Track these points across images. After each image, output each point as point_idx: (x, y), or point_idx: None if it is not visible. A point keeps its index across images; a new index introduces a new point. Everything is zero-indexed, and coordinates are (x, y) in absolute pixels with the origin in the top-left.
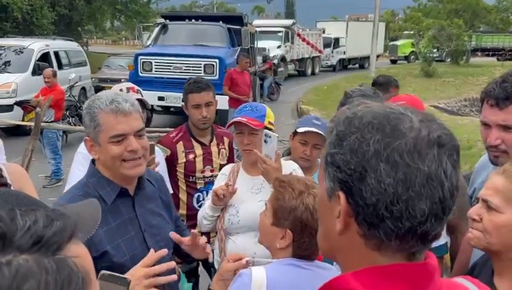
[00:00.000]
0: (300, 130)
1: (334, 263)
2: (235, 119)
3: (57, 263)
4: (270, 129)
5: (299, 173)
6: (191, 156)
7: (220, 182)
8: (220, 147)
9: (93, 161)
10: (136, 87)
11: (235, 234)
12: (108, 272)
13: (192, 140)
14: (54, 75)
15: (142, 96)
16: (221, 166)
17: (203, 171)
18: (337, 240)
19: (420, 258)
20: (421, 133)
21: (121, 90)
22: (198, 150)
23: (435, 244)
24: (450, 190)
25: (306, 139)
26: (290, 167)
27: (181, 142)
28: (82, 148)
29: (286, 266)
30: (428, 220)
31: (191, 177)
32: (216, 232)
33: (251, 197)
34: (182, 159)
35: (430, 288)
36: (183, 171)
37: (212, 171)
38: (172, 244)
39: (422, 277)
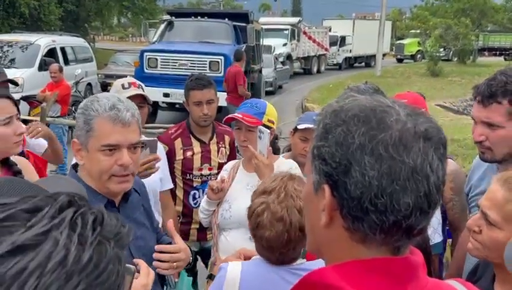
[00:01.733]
0: (300, 126)
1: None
2: (231, 115)
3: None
4: (269, 127)
5: (297, 171)
6: (188, 153)
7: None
8: (220, 145)
9: (74, 167)
10: (138, 82)
11: (227, 230)
12: None
13: (192, 137)
14: (61, 70)
15: (143, 91)
16: (220, 165)
17: (200, 169)
18: (322, 233)
19: (405, 252)
20: (406, 125)
21: (122, 84)
22: (197, 147)
23: (431, 242)
24: (435, 184)
25: (306, 135)
26: (287, 165)
27: (180, 138)
28: None
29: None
30: (413, 214)
31: (188, 175)
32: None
33: (245, 194)
34: (179, 156)
35: (412, 283)
36: (180, 168)
37: (210, 169)
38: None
39: (405, 271)
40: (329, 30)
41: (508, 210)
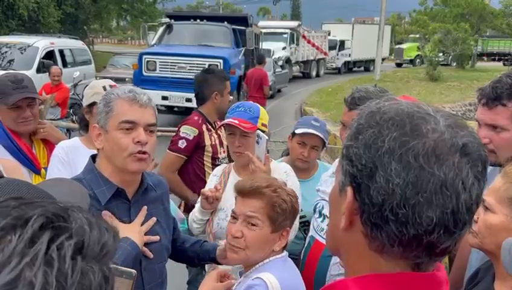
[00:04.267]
0: (298, 131)
1: None
2: (226, 121)
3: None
4: (263, 131)
5: (291, 175)
6: (213, 138)
7: (211, 184)
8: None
9: (93, 158)
10: (118, 85)
11: (224, 239)
12: (113, 266)
13: (208, 124)
14: (61, 73)
15: None
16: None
17: (221, 153)
18: (342, 236)
19: (427, 270)
20: (443, 136)
21: (103, 87)
22: (214, 132)
23: None
24: (466, 203)
25: (304, 140)
26: (282, 170)
27: (204, 125)
28: (58, 151)
29: (286, 263)
30: (435, 231)
31: (216, 160)
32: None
33: None
34: (207, 141)
35: None
36: (210, 154)
37: (224, 152)
38: (167, 253)
39: (428, 289)
40: (329, 34)
41: (502, 193)
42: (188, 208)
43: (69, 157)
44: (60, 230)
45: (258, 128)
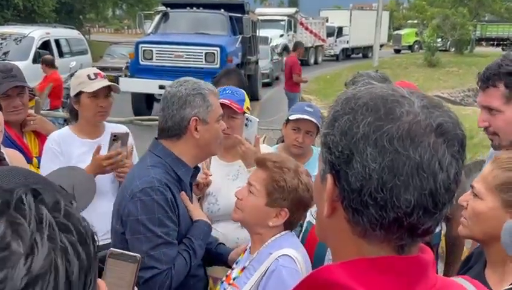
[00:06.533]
0: (292, 117)
1: None
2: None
3: None
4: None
5: None
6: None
7: None
8: None
9: (161, 148)
10: (103, 73)
11: (215, 222)
12: (118, 250)
13: None
14: (48, 63)
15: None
16: None
17: None
18: (326, 223)
19: (410, 251)
20: (417, 118)
21: (88, 75)
22: None
23: None
24: (445, 183)
25: (298, 126)
26: (265, 151)
27: None
28: (51, 142)
29: (294, 237)
30: (414, 212)
31: None
32: None
33: (229, 184)
34: None
35: (422, 283)
36: None
37: None
38: None
39: (414, 271)
40: (327, 21)
41: (490, 180)
42: None
43: (61, 148)
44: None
45: (244, 112)
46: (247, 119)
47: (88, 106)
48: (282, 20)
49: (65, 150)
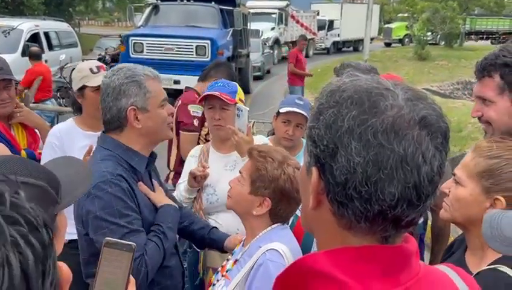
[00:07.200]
0: (282, 110)
1: None
2: (207, 93)
3: None
4: None
5: None
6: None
7: (190, 165)
8: None
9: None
10: (105, 66)
11: (215, 213)
12: (113, 239)
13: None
14: (31, 56)
15: None
16: None
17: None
18: (312, 215)
19: (395, 242)
20: (401, 111)
21: (90, 68)
22: None
23: None
24: (428, 175)
25: (288, 118)
26: (260, 142)
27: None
28: (51, 137)
29: (285, 230)
30: (399, 205)
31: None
32: None
33: (226, 175)
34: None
35: (405, 272)
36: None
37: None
38: None
39: (397, 260)
40: (317, 14)
41: (471, 167)
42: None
43: (61, 142)
44: None
45: (236, 103)
46: (238, 109)
47: (93, 100)
48: (273, 13)
49: (67, 143)
